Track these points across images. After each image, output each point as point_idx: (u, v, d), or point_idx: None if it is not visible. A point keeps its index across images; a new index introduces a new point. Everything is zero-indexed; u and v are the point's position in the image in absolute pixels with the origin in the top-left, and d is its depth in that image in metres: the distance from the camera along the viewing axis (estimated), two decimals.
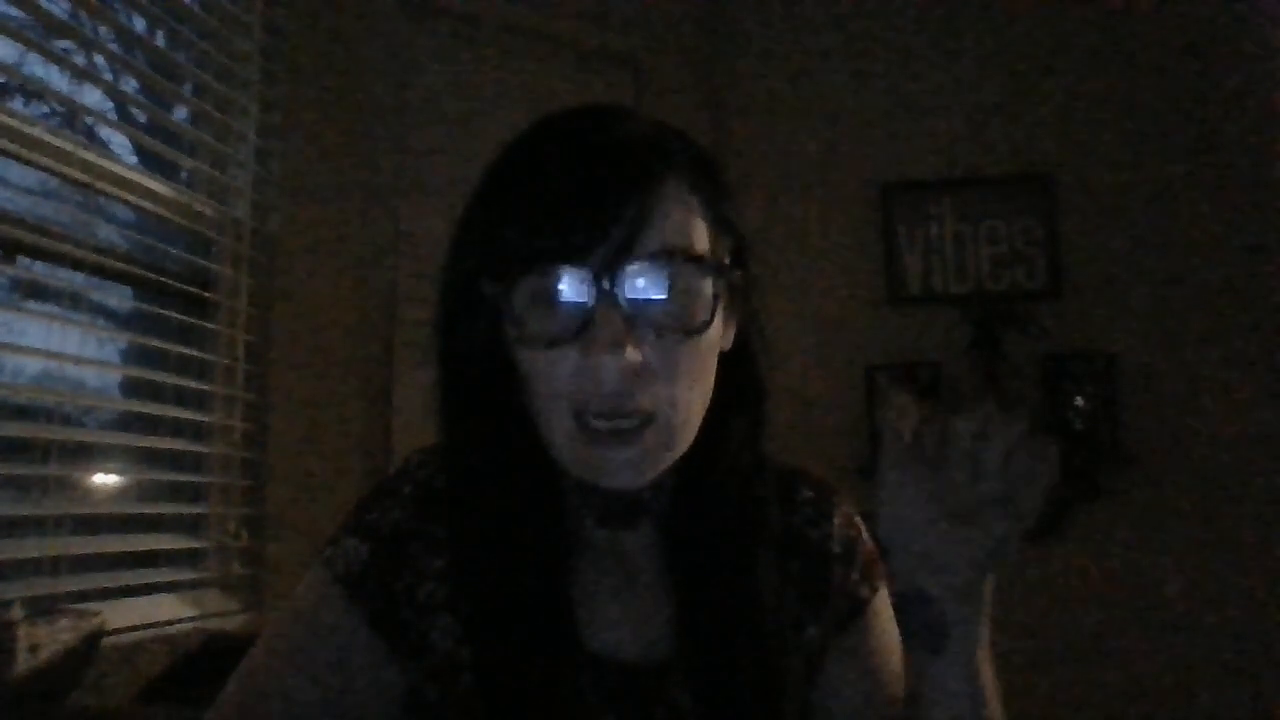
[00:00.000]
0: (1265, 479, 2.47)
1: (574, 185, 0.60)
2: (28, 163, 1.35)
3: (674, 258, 0.60)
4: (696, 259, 0.61)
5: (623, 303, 0.59)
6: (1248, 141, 2.61)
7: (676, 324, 0.60)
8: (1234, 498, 2.48)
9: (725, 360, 0.68)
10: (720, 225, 0.65)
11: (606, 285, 0.59)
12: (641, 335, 0.59)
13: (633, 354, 0.59)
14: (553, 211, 0.60)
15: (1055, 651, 2.48)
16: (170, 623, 1.50)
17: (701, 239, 0.63)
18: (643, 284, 0.60)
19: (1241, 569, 2.45)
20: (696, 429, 0.65)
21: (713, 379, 0.66)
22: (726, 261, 0.65)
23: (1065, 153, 2.69)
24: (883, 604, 0.75)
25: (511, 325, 0.62)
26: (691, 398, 0.63)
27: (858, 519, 0.78)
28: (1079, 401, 2.46)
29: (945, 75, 2.76)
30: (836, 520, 0.76)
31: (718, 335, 0.65)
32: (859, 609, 0.74)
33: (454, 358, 0.67)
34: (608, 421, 0.60)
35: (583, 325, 0.59)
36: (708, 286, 0.62)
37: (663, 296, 0.60)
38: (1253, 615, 2.43)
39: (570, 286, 0.59)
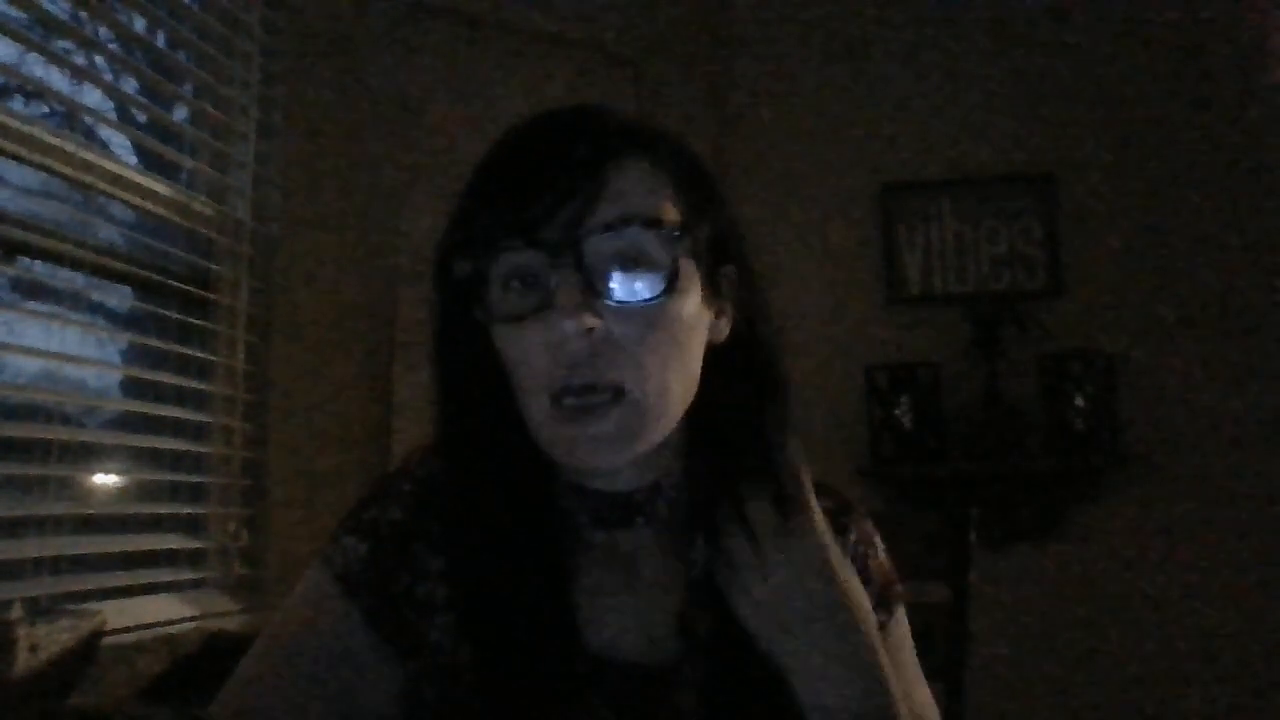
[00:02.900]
0: (1265, 478, 2.47)
1: (534, 167, 0.63)
2: (28, 163, 1.35)
3: (630, 225, 0.61)
4: (651, 223, 0.62)
5: (579, 272, 0.60)
6: (1247, 141, 2.61)
7: (635, 289, 0.62)
8: (1234, 498, 2.48)
9: (728, 354, 0.69)
10: (694, 210, 0.66)
11: (565, 257, 0.60)
12: (603, 306, 0.61)
13: (591, 320, 0.60)
14: (514, 194, 0.62)
15: (1054, 651, 2.48)
16: (170, 623, 1.50)
17: (662, 211, 0.64)
18: (597, 252, 0.61)
19: (1241, 569, 2.45)
20: (675, 414, 0.65)
21: (695, 364, 0.66)
22: (698, 238, 0.65)
23: (1065, 153, 2.69)
24: (898, 626, 0.74)
25: (482, 307, 0.64)
26: (665, 375, 0.63)
27: (877, 538, 0.77)
28: (1079, 401, 2.46)
29: (945, 75, 2.77)
30: (854, 535, 0.75)
31: (694, 317, 0.65)
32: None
33: (446, 352, 0.69)
34: (578, 398, 0.61)
35: (544, 299, 0.61)
36: (666, 252, 0.62)
37: (618, 265, 0.62)
38: (1253, 615, 2.43)
39: (531, 263, 0.62)
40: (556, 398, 0.62)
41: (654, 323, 0.62)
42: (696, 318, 0.66)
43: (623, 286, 0.61)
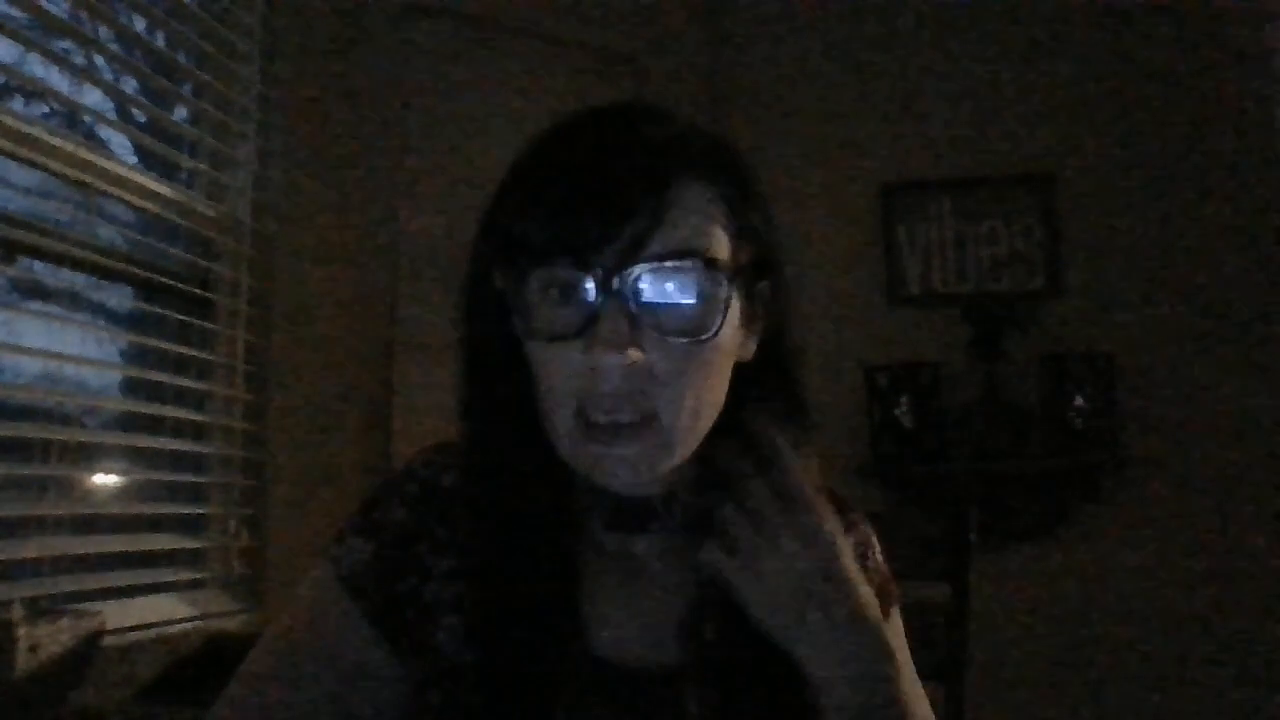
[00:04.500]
0: (1264, 479, 2.47)
1: (591, 182, 0.60)
2: (28, 163, 1.35)
3: (684, 261, 0.60)
4: (708, 263, 0.60)
5: (629, 303, 0.59)
6: (1247, 141, 2.61)
7: (683, 328, 0.60)
8: (1234, 498, 2.48)
9: (749, 370, 0.68)
10: (743, 233, 0.64)
11: (614, 284, 0.59)
12: (646, 336, 0.60)
13: (635, 354, 0.59)
14: (567, 207, 0.60)
15: (1054, 651, 2.48)
16: (170, 623, 1.50)
17: (718, 245, 0.62)
18: (650, 286, 0.60)
19: (1240, 568, 2.45)
20: (701, 434, 0.65)
21: (724, 388, 0.66)
22: (744, 266, 0.64)
23: (1065, 153, 2.69)
24: (895, 627, 0.74)
25: (519, 318, 0.62)
26: (697, 403, 0.62)
27: (874, 539, 0.77)
28: (1079, 401, 2.46)
29: (945, 75, 2.77)
30: (853, 539, 0.74)
31: (732, 343, 0.65)
32: None
33: (473, 352, 0.68)
34: (607, 416, 0.60)
35: (587, 322, 0.59)
36: (719, 292, 0.61)
37: (670, 300, 0.60)
38: (1252, 615, 2.43)
39: (578, 283, 0.60)
40: (583, 412, 0.61)
41: (695, 357, 0.61)
42: (732, 345, 0.65)
43: (671, 323, 0.60)
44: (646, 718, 0.64)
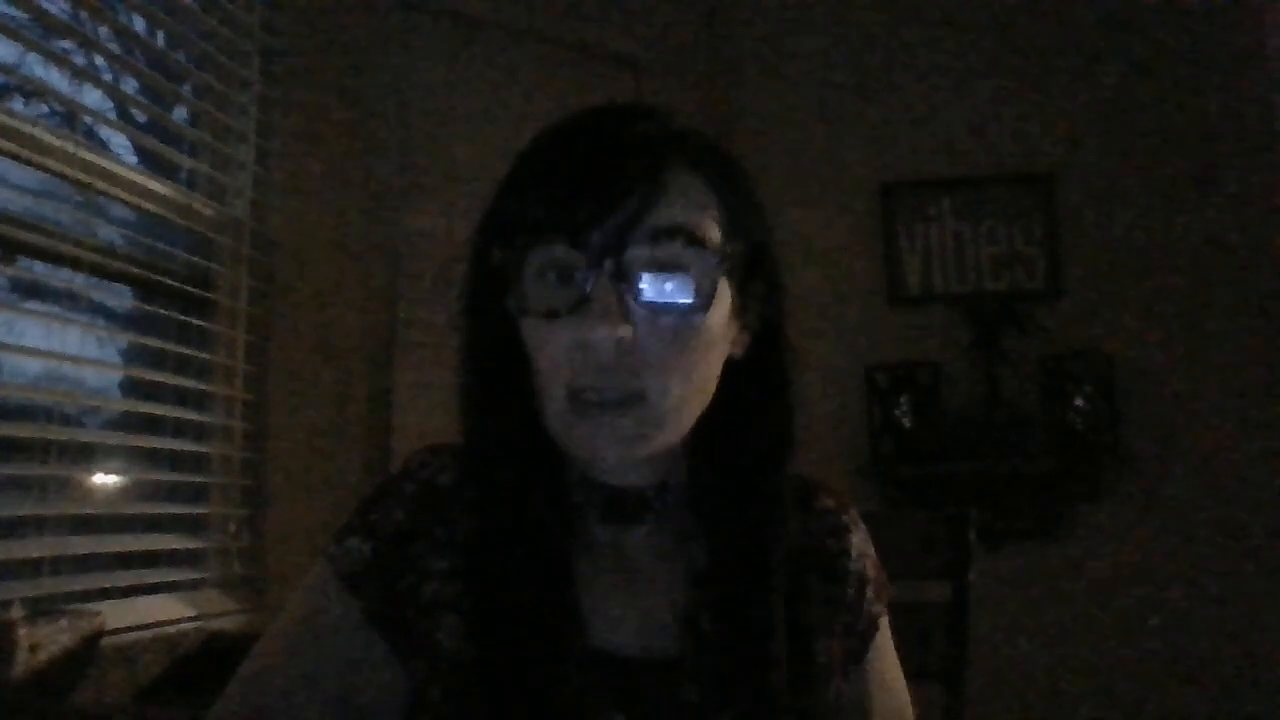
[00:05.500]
0: (1265, 479, 2.47)
1: (588, 169, 0.63)
2: (28, 163, 1.35)
3: (674, 241, 0.62)
4: (698, 243, 0.63)
5: (620, 282, 0.61)
6: (1247, 141, 2.61)
7: (673, 306, 0.62)
8: (1234, 498, 2.48)
9: (741, 370, 0.69)
10: (735, 229, 0.66)
11: (606, 264, 0.61)
12: (637, 314, 0.61)
13: (625, 329, 0.60)
14: (564, 191, 0.62)
15: (1054, 651, 2.48)
16: (170, 623, 1.50)
17: (708, 229, 0.64)
18: (640, 264, 0.62)
19: (1241, 568, 2.45)
20: (689, 421, 0.66)
21: (714, 376, 0.67)
22: (734, 256, 0.65)
23: (1065, 153, 2.69)
24: (886, 625, 0.77)
25: (516, 297, 0.64)
26: (685, 387, 0.64)
27: (869, 537, 0.79)
28: (1079, 401, 2.46)
29: (945, 75, 2.77)
30: (855, 537, 0.76)
31: (722, 330, 0.66)
32: (874, 630, 0.75)
33: (472, 337, 0.69)
34: (596, 394, 0.62)
35: (580, 300, 0.61)
36: (708, 273, 0.63)
37: (660, 279, 0.62)
38: (1252, 614, 2.43)
39: (570, 261, 0.62)
40: (574, 391, 0.62)
41: (683, 336, 0.63)
42: (722, 333, 0.66)
43: (659, 299, 0.62)
44: (645, 708, 0.65)
